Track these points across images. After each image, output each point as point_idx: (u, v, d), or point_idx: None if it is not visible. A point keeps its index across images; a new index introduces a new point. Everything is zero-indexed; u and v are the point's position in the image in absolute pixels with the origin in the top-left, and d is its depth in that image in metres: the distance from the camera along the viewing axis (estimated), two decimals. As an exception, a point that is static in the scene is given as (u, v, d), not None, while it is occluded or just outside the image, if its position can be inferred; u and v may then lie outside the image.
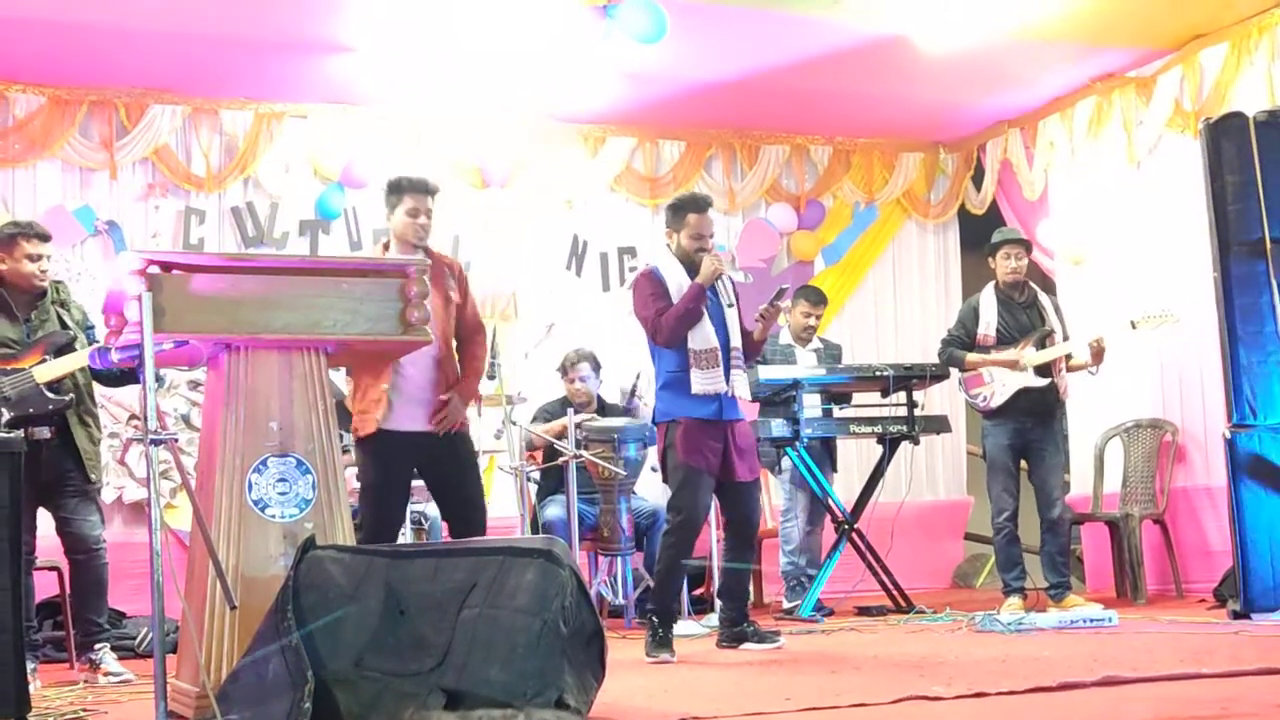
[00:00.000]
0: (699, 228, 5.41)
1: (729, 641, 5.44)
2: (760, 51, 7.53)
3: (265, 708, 3.26)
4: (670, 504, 5.40)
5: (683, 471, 5.29)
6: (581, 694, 3.31)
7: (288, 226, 8.08)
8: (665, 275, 5.40)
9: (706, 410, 5.30)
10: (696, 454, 5.28)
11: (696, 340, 5.30)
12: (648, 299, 5.36)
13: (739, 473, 5.35)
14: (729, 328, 5.38)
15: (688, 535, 5.36)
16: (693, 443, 5.28)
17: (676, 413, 5.34)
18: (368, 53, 7.30)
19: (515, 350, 8.12)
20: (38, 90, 7.50)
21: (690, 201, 5.52)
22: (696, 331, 5.31)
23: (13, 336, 5.18)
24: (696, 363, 5.28)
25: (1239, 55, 7.24)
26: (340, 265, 4.42)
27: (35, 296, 5.26)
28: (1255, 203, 5.92)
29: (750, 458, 5.42)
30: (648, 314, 5.36)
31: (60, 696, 4.67)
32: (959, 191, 9.52)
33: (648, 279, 5.44)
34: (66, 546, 5.31)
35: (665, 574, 5.38)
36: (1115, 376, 7.42)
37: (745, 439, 5.43)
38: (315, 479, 3.94)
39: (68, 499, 5.25)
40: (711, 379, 5.26)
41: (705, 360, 5.28)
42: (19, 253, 5.21)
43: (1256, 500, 5.81)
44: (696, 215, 5.42)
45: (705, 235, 5.40)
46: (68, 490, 5.25)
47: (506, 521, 7.17)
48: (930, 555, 9.08)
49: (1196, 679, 3.78)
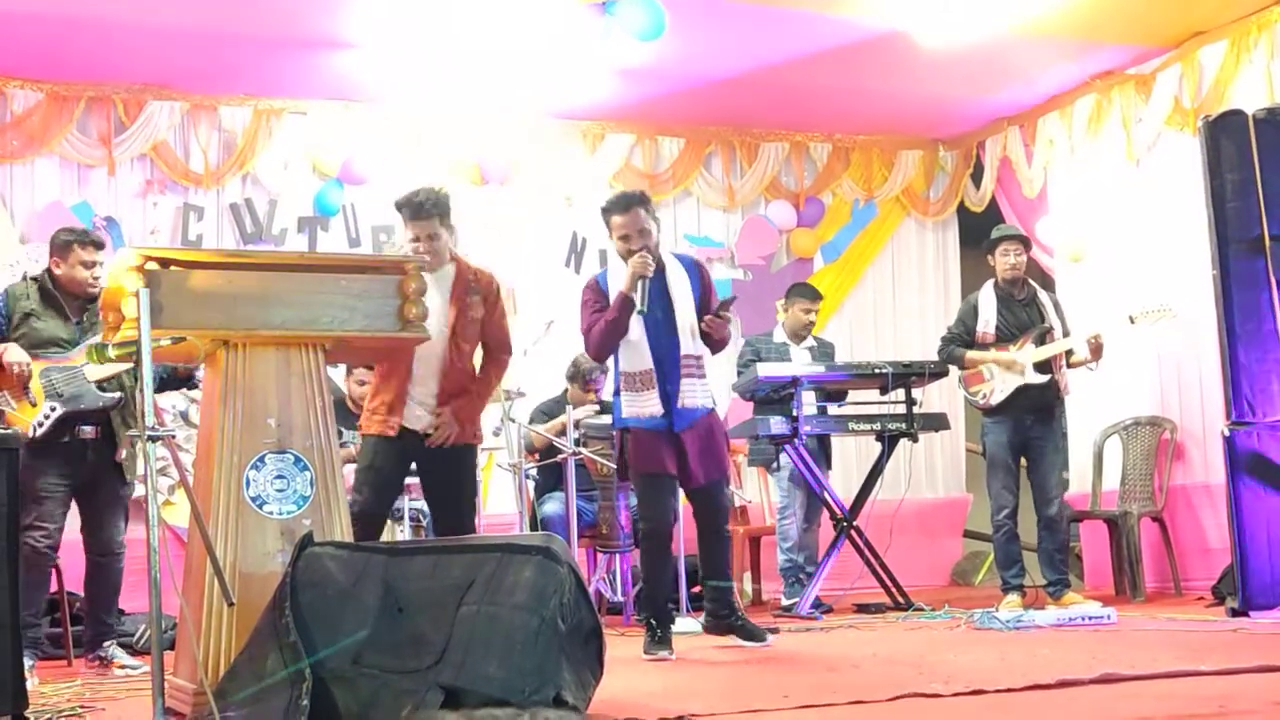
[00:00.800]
0: (624, 228, 5.11)
1: (715, 629, 5.35)
2: (759, 48, 7.52)
3: (263, 704, 3.26)
4: (638, 513, 5.32)
5: (641, 480, 5.18)
6: (580, 691, 3.31)
7: (286, 223, 8.08)
8: (610, 282, 5.19)
9: (654, 423, 5.12)
10: (650, 461, 5.12)
11: (627, 360, 5.11)
12: (584, 310, 5.21)
13: (696, 478, 5.17)
14: (679, 335, 5.14)
15: (660, 541, 5.24)
16: (644, 451, 5.12)
17: (629, 421, 5.17)
18: (367, 49, 7.29)
19: (515, 347, 8.10)
20: (36, 86, 7.49)
21: (613, 203, 5.23)
22: (629, 351, 5.12)
23: (65, 336, 5.33)
24: (628, 385, 5.11)
25: (1238, 53, 7.23)
26: (338, 262, 4.42)
27: (87, 300, 5.40)
28: (1254, 200, 5.92)
29: (710, 458, 5.20)
30: (583, 326, 5.20)
31: (58, 693, 4.66)
32: (958, 189, 9.51)
33: (589, 288, 5.27)
34: (89, 546, 5.43)
35: (650, 580, 5.30)
36: (1114, 374, 7.42)
37: (704, 440, 5.19)
38: (313, 475, 3.93)
39: (100, 500, 5.41)
40: (643, 402, 5.07)
41: (638, 382, 5.08)
42: (74, 259, 5.38)
43: (1255, 498, 5.81)
44: (619, 216, 5.14)
45: (633, 234, 5.09)
46: (102, 492, 5.40)
47: (505, 519, 7.18)
48: (929, 553, 9.09)
49: (1195, 676, 3.78)
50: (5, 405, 5.18)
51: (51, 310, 5.35)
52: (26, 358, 5.18)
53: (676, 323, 5.14)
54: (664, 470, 5.13)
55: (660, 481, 5.17)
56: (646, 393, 5.07)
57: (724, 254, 9.07)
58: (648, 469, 5.14)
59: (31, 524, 5.17)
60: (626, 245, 5.11)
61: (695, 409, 5.16)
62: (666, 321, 5.14)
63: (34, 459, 5.18)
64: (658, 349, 5.12)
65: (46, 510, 5.22)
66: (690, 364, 5.14)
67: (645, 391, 5.07)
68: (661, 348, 5.12)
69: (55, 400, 5.19)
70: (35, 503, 5.19)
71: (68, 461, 5.27)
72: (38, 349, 5.25)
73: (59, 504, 5.28)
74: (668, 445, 5.14)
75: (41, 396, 5.19)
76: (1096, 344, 6.71)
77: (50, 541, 5.25)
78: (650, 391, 5.07)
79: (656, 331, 5.13)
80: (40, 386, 5.20)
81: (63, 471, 5.26)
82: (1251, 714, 3.02)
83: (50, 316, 5.33)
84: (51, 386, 5.21)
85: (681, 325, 5.14)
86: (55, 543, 5.29)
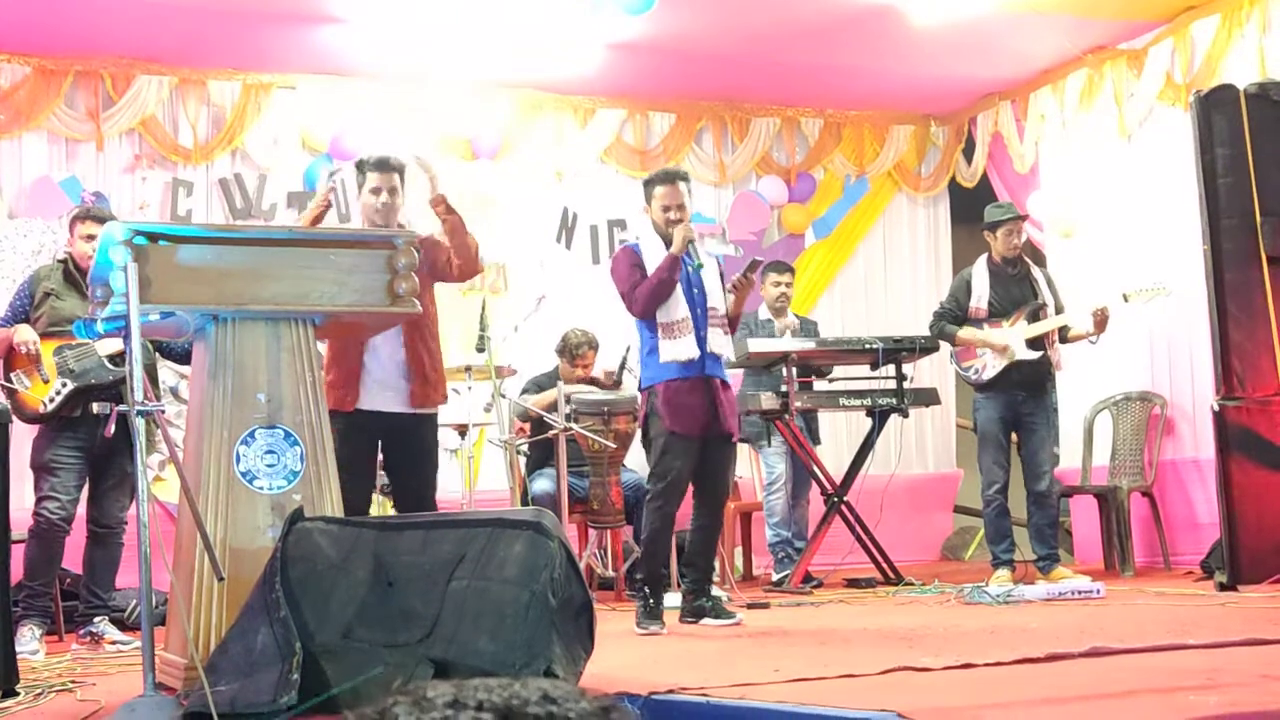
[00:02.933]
0: (666, 199, 5.48)
1: (690, 616, 5.44)
2: (751, 22, 7.49)
3: (253, 679, 3.26)
4: (654, 470, 5.46)
5: (665, 437, 5.38)
6: (570, 665, 3.31)
7: (276, 198, 8.05)
8: (644, 250, 5.52)
9: (688, 370, 5.41)
10: (679, 419, 5.37)
11: (663, 313, 5.44)
12: (625, 274, 5.51)
13: (726, 425, 5.44)
14: (706, 288, 5.48)
15: (673, 498, 5.42)
16: (675, 407, 5.38)
17: (659, 377, 5.44)
18: (357, 23, 7.25)
19: (505, 323, 8.10)
20: (23, 60, 7.44)
21: (659, 175, 5.65)
22: (668, 304, 5.44)
23: (81, 314, 5.31)
24: (666, 333, 5.43)
25: (1230, 27, 7.22)
26: (328, 237, 4.40)
27: None
28: (1245, 176, 5.92)
29: (733, 417, 5.52)
30: (624, 288, 5.51)
31: (49, 667, 4.67)
32: (950, 164, 9.50)
33: (626, 254, 5.60)
34: (90, 518, 5.51)
35: (652, 539, 5.44)
36: (1105, 349, 7.42)
37: (729, 398, 5.53)
38: (303, 451, 3.93)
39: (108, 477, 5.48)
40: (680, 347, 5.39)
41: (674, 330, 5.42)
42: (77, 234, 5.48)
43: (1244, 473, 5.83)
44: (664, 187, 5.51)
45: (673, 206, 5.48)
46: (111, 468, 5.47)
47: (496, 495, 7.18)
48: (919, 528, 9.11)
49: (1183, 650, 3.79)
50: (19, 384, 5.31)
51: (72, 289, 5.44)
52: (34, 336, 5.31)
53: (705, 284, 5.49)
54: (691, 431, 5.38)
55: (685, 442, 5.38)
56: (684, 338, 5.40)
57: (715, 229, 9.04)
58: (677, 427, 5.37)
59: (46, 495, 5.31)
60: (667, 215, 5.48)
61: (721, 359, 5.50)
62: (697, 280, 5.50)
63: (49, 432, 5.37)
64: (690, 302, 5.47)
65: (60, 481, 5.32)
66: (716, 318, 5.48)
67: (683, 337, 5.40)
68: (694, 301, 5.48)
69: (66, 376, 5.30)
70: (49, 474, 5.33)
71: (82, 435, 5.35)
72: (56, 327, 5.36)
73: (73, 475, 5.36)
74: (701, 398, 5.40)
75: (54, 373, 5.31)
76: (1102, 316, 6.68)
77: (64, 513, 5.33)
78: (688, 336, 5.40)
79: (688, 287, 5.48)
80: (53, 364, 5.32)
81: (76, 444, 5.35)
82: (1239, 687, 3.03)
83: (70, 295, 5.43)
84: (63, 363, 5.32)
85: (710, 285, 5.50)
86: (69, 515, 5.36)
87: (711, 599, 5.48)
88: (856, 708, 2.77)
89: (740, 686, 3.31)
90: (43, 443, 5.38)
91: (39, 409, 5.28)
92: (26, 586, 5.31)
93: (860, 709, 2.75)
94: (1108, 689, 3.19)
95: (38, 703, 3.81)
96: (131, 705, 3.28)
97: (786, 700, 3.03)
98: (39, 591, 5.34)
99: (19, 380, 5.31)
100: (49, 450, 5.33)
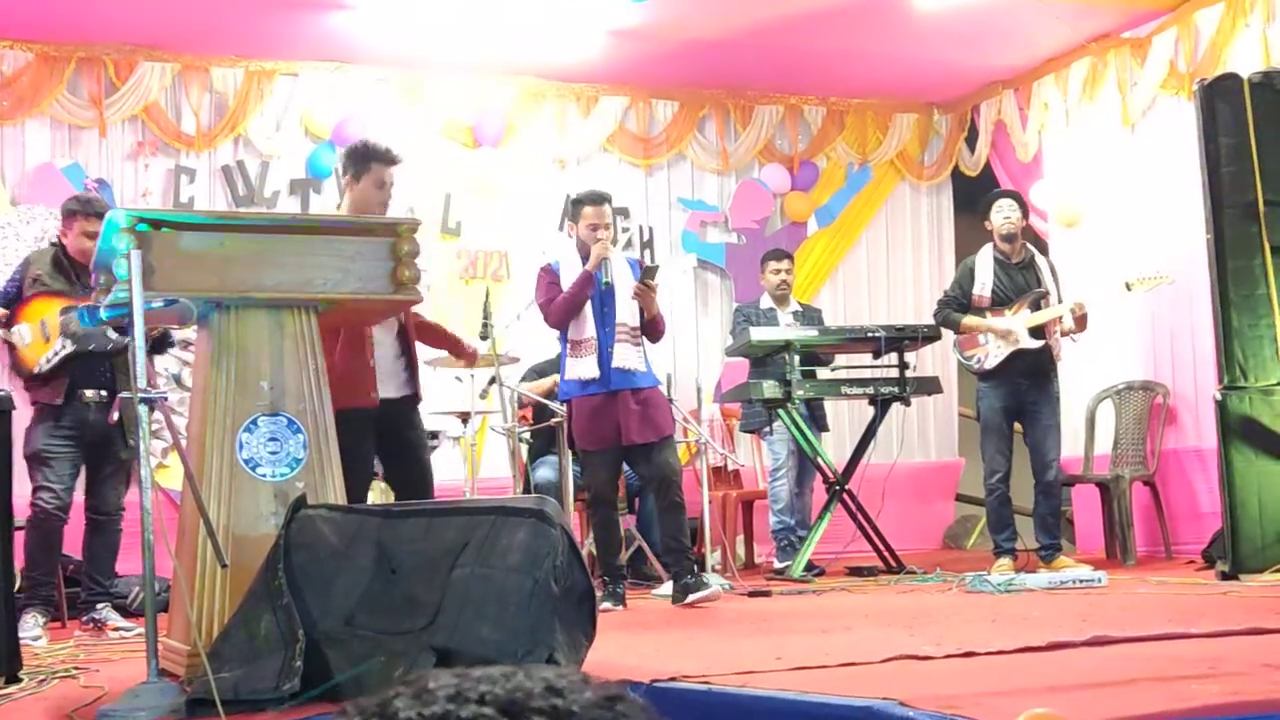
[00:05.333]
0: (594, 219, 5.82)
1: (680, 597, 5.62)
2: (754, 10, 7.48)
3: (256, 666, 3.27)
4: (581, 483, 5.97)
5: (581, 455, 5.85)
6: (572, 652, 3.32)
7: (279, 185, 8.04)
8: (562, 268, 5.87)
9: (590, 388, 5.74)
10: (587, 436, 5.79)
11: (573, 330, 5.80)
12: (544, 289, 5.88)
13: (634, 435, 5.71)
14: (616, 305, 5.75)
15: (601, 507, 5.88)
16: (583, 425, 5.79)
17: (569, 393, 5.86)
18: (360, 10, 7.24)
19: (507, 311, 8.10)
20: (25, 47, 7.43)
21: (588, 196, 5.96)
22: (576, 322, 5.79)
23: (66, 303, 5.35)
24: (573, 351, 5.80)
25: (1234, 16, 7.19)
26: (331, 224, 4.39)
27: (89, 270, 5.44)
28: (1249, 165, 5.91)
29: (650, 420, 5.75)
30: (541, 300, 5.88)
31: (52, 654, 4.67)
32: (953, 153, 9.49)
33: (545, 271, 5.96)
34: (89, 505, 5.51)
35: (597, 541, 5.98)
36: (1107, 338, 7.43)
37: (643, 406, 5.75)
38: (306, 438, 3.93)
39: (104, 463, 5.47)
40: (583, 366, 5.73)
41: (580, 349, 5.77)
42: (78, 229, 5.41)
43: (1246, 462, 5.83)
44: (592, 208, 5.86)
45: (600, 225, 5.81)
46: (107, 455, 5.45)
47: (499, 482, 7.18)
48: (921, 516, 9.11)
49: (1185, 639, 3.79)
50: (19, 340, 5.28)
51: (61, 277, 5.41)
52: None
53: (616, 300, 5.78)
54: (602, 445, 5.77)
55: (599, 455, 5.79)
56: (587, 357, 5.75)
57: (718, 218, 9.05)
58: (586, 444, 5.82)
59: (40, 485, 5.30)
60: (593, 234, 5.81)
61: (632, 372, 5.76)
62: (608, 298, 5.80)
63: (41, 422, 5.33)
64: (598, 320, 5.79)
65: (54, 471, 5.30)
66: (625, 333, 5.76)
67: (586, 356, 5.75)
68: (601, 319, 5.79)
69: (67, 338, 5.26)
70: (42, 464, 5.31)
71: (74, 423, 5.33)
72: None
73: (66, 464, 5.34)
74: (605, 413, 5.74)
75: (55, 332, 5.28)
76: (1080, 314, 6.65)
77: (59, 503, 5.31)
78: (590, 356, 5.75)
79: (599, 305, 5.80)
80: (57, 324, 5.28)
81: (69, 433, 5.33)
82: (1240, 675, 3.03)
83: (57, 281, 5.39)
84: (66, 324, 5.26)
85: (620, 301, 5.79)
86: (64, 504, 5.35)
87: (694, 576, 5.69)
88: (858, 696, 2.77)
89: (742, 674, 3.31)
90: (33, 433, 5.34)
91: (35, 367, 5.24)
92: (28, 576, 5.31)
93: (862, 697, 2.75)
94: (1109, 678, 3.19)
95: (41, 689, 3.82)
96: (135, 691, 3.29)
97: (788, 688, 3.04)
98: (40, 581, 5.35)
99: (19, 336, 5.27)
100: (40, 440, 5.29)
